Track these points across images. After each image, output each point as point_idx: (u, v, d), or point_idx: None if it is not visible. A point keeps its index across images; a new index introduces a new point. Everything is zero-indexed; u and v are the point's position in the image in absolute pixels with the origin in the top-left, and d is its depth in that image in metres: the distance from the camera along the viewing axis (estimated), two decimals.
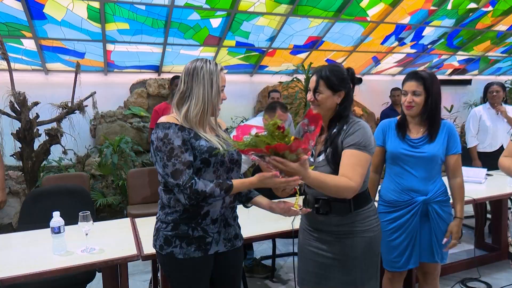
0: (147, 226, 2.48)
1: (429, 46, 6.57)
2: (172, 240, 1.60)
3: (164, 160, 1.51)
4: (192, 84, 1.59)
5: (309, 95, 1.70)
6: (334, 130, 1.68)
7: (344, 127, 1.67)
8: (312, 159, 1.72)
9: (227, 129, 1.80)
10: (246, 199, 1.77)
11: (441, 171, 2.12)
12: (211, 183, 1.50)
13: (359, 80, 1.75)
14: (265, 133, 1.40)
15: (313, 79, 1.70)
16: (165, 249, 1.61)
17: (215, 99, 1.60)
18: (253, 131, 1.43)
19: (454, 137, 2.05)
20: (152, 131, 1.57)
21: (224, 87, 1.63)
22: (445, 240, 2.07)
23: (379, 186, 2.27)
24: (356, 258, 1.69)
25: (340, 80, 1.68)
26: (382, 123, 2.22)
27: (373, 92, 7.06)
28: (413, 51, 6.65)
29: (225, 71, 1.66)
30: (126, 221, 2.63)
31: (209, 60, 1.63)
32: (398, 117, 2.20)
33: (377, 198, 2.24)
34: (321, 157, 1.70)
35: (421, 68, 7.34)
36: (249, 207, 1.81)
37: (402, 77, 8.46)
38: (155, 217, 2.65)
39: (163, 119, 1.58)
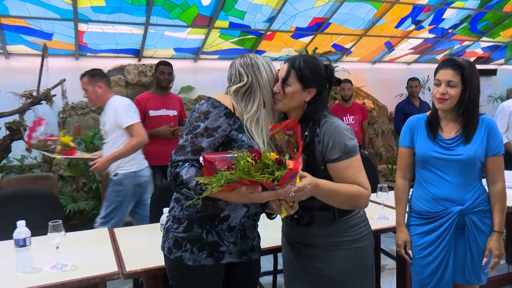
0: (129, 237, 2.46)
1: (450, 31, 6.58)
2: (182, 243, 1.63)
3: (185, 131, 1.60)
4: (255, 76, 1.68)
5: (277, 86, 1.69)
6: (306, 133, 1.67)
7: (317, 130, 1.67)
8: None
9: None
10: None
11: (482, 176, 2.08)
12: (194, 174, 1.51)
13: (338, 81, 1.77)
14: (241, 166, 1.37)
15: (284, 67, 1.70)
16: (174, 252, 1.64)
17: (271, 91, 1.70)
18: (221, 165, 1.41)
19: (495, 135, 2.00)
20: (202, 101, 1.65)
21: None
22: (484, 260, 2.04)
23: (410, 194, 2.24)
24: (348, 272, 1.69)
25: (314, 74, 1.68)
26: (410, 121, 2.18)
27: (385, 82, 7.06)
28: (432, 36, 6.65)
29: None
30: (104, 231, 2.59)
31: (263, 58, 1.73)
32: (428, 113, 2.16)
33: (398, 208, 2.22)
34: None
35: (440, 56, 7.36)
36: (274, 218, 1.82)
37: (418, 66, 8.51)
38: (137, 226, 2.58)
39: (218, 96, 1.64)
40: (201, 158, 1.45)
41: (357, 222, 1.75)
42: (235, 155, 1.39)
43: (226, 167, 1.38)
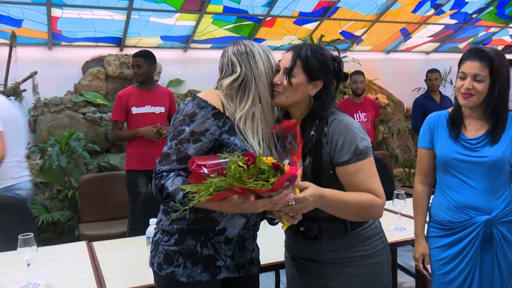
0: (110, 252, 2.47)
1: (474, 16, 6.59)
2: (174, 257, 1.63)
3: (170, 136, 1.61)
4: (250, 66, 1.68)
5: (279, 77, 1.68)
6: (312, 133, 1.67)
7: (325, 129, 1.66)
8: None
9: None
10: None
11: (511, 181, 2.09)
12: (180, 185, 1.52)
13: (345, 76, 1.77)
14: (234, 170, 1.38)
15: (288, 56, 1.70)
16: (165, 268, 1.64)
17: (269, 84, 1.70)
18: (206, 170, 1.42)
19: None
20: (187, 99, 1.66)
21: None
22: None
23: (430, 202, 2.24)
24: None
25: (322, 65, 1.68)
26: (430, 118, 2.18)
27: (401, 74, 7.07)
28: (454, 22, 6.66)
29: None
30: (81, 245, 2.59)
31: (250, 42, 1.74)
32: (450, 109, 2.16)
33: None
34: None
35: (464, 44, 7.37)
36: (276, 223, 1.79)
37: (439, 55, 8.51)
38: (119, 240, 2.58)
39: (205, 94, 1.64)
40: (190, 163, 1.46)
41: (372, 234, 1.74)
42: (227, 159, 1.39)
43: (216, 172, 1.38)
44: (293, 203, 1.43)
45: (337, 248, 1.71)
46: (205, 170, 1.40)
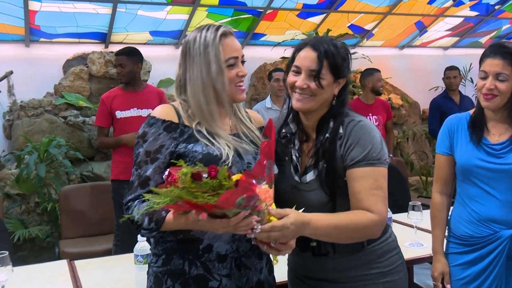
0: (94, 271, 2.47)
1: (496, 7, 6.60)
2: (163, 279, 1.64)
3: (134, 163, 1.66)
4: (186, 66, 1.68)
5: (303, 81, 1.67)
6: (327, 135, 1.69)
7: (340, 130, 1.69)
8: (297, 178, 1.71)
9: (262, 127, 1.81)
10: None
11: None
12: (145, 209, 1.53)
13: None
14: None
15: (312, 55, 1.68)
16: None
17: (217, 80, 1.65)
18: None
19: None
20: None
21: (237, 58, 1.67)
22: None
23: (449, 214, 2.24)
24: None
25: (344, 61, 1.72)
26: (449, 121, 2.18)
27: (416, 72, 7.07)
28: (474, 14, 6.67)
29: (231, 36, 1.70)
30: (61, 264, 2.59)
31: (210, 26, 1.68)
32: (471, 111, 2.16)
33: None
34: (310, 176, 1.71)
35: (485, 38, 7.38)
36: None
37: (458, 51, 8.48)
38: (103, 258, 2.57)
39: (157, 110, 1.69)
40: (164, 175, 1.48)
41: (388, 249, 1.75)
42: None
43: (171, 183, 1.41)
44: (259, 229, 1.41)
45: (352, 265, 1.71)
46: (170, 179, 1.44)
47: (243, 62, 1.70)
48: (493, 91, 1.99)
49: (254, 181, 1.41)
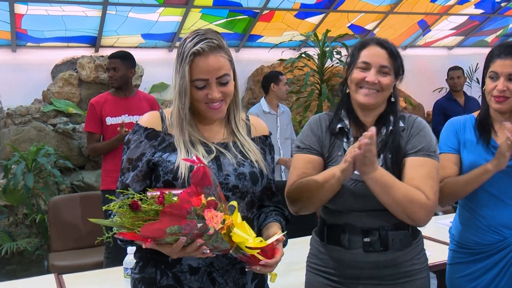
0: (82, 286, 2.47)
1: (503, 5, 6.60)
2: (138, 286, 1.70)
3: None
4: (173, 75, 1.69)
5: (373, 75, 1.80)
6: (391, 128, 1.85)
7: (401, 124, 1.86)
8: (357, 172, 1.76)
9: (265, 136, 1.84)
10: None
11: None
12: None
13: None
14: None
15: (381, 52, 1.84)
16: None
17: (180, 97, 1.64)
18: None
19: None
20: None
21: (206, 81, 1.62)
22: None
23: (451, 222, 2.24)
24: None
25: (401, 59, 1.90)
26: (453, 122, 2.17)
27: (420, 73, 7.06)
28: (479, 11, 6.67)
29: (208, 55, 1.62)
30: (50, 279, 2.57)
31: (195, 36, 1.63)
32: (476, 113, 2.15)
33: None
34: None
35: (492, 37, 7.38)
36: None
37: (463, 51, 8.44)
38: (92, 272, 2.56)
39: (143, 117, 1.74)
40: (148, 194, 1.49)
41: (422, 247, 1.92)
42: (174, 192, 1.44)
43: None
44: (208, 251, 1.45)
45: (401, 260, 1.83)
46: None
47: (224, 83, 1.64)
48: (505, 92, 1.99)
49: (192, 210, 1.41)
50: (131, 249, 2.29)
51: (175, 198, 1.41)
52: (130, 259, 2.27)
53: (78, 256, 3.94)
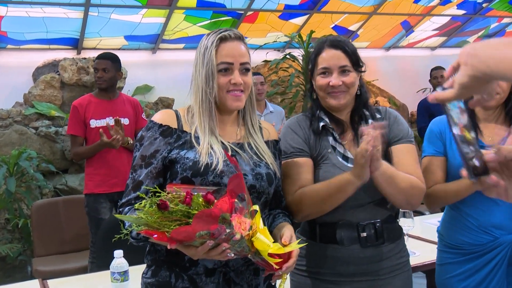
0: None
1: (484, 5, 6.68)
2: None
3: (131, 167, 1.71)
4: (193, 70, 1.72)
5: (335, 79, 1.82)
6: (370, 121, 1.87)
7: (378, 116, 1.91)
8: (350, 165, 1.79)
9: (276, 140, 1.86)
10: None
11: None
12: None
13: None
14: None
15: (336, 53, 1.85)
16: None
17: (207, 84, 1.67)
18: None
19: None
20: None
21: (231, 64, 1.67)
22: None
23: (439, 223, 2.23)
24: None
25: (357, 51, 1.91)
26: (436, 122, 2.17)
27: (404, 73, 7.12)
28: (462, 12, 6.75)
29: (232, 41, 1.70)
30: (34, 284, 2.56)
31: (220, 29, 1.71)
32: None
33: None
34: None
35: (474, 37, 7.46)
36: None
37: (446, 51, 8.52)
38: (78, 276, 2.53)
39: (157, 114, 1.74)
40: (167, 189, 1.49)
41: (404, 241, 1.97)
42: (197, 191, 1.45)
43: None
44: (232, 255, 1.46)
45: (393, 253, 1.88)
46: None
47: (247, 69, 1.69)
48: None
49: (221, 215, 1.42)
50: (118, 253, 2.27)
51: (201, 199, 1.42)
52: (117, 263, 2.24)
53: (62, 261, 3.92)
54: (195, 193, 1.44)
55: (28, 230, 4.47)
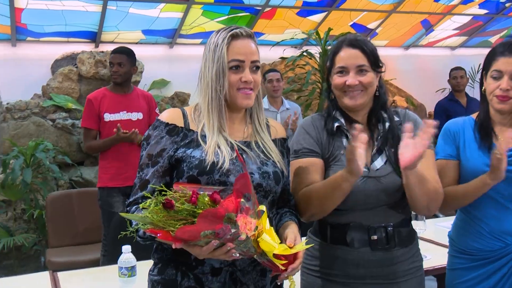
0: (77, 284, 2.47)
1: (507, 5, 6.58)
2: (157, 287, 1.69)
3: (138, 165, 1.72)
4: (201, 66, 1.71)
5: (352, 77, 1.80)
6: (387, 123, 1.86)
7: (397, 118, 1.89)
8: (365, 168, 1.76)
9: (283, 138, 1.85)
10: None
11: None
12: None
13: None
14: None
15: (354, 52, 1.83)
16: None
17: (217, 81, 1.66)
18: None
19: None
20: None
21: (242, 62, 1.66)
22: None
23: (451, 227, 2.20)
24: None
25: (376, 51, 1.89)
26: (451, 125, 2.14)
27: (422, 73, 7.05)
28: (484, 12, 6.65)
29: (244, 39, 1.70)
30: (44, 276, 2.56)
31: (230, 26, 1.71)
32: (474, 115, 2.12)
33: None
34: (379, 163, 1.83)
35: (495, 38, 7.36)
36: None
37: (466, 51, 8.43)
38: (87, 270, 2.55)
39: (164, 113, 1.74)
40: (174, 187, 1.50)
41: (418, 244, 1.94)
42: (203, 191, 1.45)
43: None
44: (237, 255, 1.45)
45: (404, 258, 1.85)
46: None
47: (257, 68, 1.69)
48: (509, 92, 1.96)
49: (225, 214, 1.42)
50: (126, 248, 2.28)
51: (206, 199, 1.42)
52: (125, 258, 2.26)
53: (75, 253, 3.95)
54: (201, 192, 1.43)
55: (43, 221, 4.51)
